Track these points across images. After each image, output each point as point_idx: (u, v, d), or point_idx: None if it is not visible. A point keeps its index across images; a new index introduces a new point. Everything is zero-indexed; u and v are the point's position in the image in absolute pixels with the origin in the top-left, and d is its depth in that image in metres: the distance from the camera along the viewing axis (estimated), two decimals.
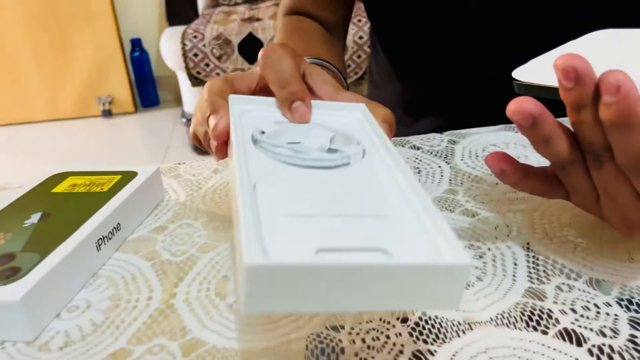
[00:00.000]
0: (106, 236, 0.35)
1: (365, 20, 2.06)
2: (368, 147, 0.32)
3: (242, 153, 0.29)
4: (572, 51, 0.25)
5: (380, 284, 0.20)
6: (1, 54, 2.76)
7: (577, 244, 0.33)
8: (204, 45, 2.10)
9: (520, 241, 0.33)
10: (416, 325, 0.27)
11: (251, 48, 2.10)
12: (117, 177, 0.40)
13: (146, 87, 2.91)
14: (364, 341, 0.26)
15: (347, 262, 0.20)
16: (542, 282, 0.30)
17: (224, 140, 0.33)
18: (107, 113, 2.86)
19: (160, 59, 2.77)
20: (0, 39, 2.73)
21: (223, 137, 0.33)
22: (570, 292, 0.29)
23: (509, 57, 0.39)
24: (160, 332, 0.28)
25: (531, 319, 0.27)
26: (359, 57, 2.08)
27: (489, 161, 0.29)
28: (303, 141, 0.31)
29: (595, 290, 0.29)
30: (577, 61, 0.24)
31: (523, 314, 0.27)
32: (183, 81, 2.34)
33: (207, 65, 2.12)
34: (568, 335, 0.26)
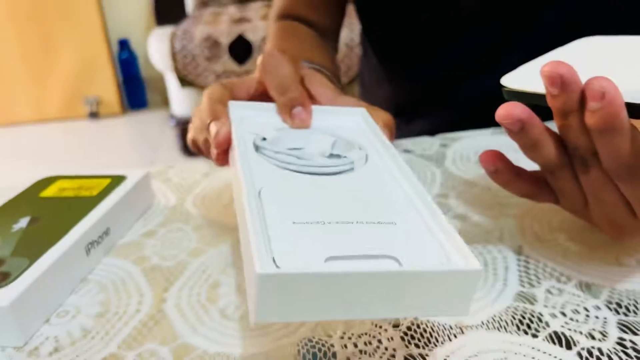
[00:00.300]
0: (96, 241, 0.35)
1: (356, 22, 2.06)
2: (370, 152, 0.32)
3: (245, 160, 0.29)
4: (560, 58, 0.25)
5: (390, 291, 0.20)
6: None
7: (567, 248, 0.33)
8: (193, 46, 2.08)
9: (511, 245, 0.34)
10: (408, 329, 0.27)
11: (241, 49, 2.09)
12: (107, 181, 0.40)
13: (134, 89, 2.89)
14: (356, 346, 0.26)
15: (358, 270, 0.20)
16: (533, 286, 0.30)
17: (226, 148, 0.33)
18: (94, 115, 2.84)
19: (148, 60, 2.75)
20: None
21: (225, 145, 0.33)
22: (560, 296, 0.29)
23: (500, 61, 0.39)
24: (151, 337, 0.28)
25: (522, 323, 0.27)
26: (350, 60, 2.08)
27: (484, 158, 0.29)
28: (305, 147, 0.31)
29: (585, 293, 0.29)
30: (563, 68, 0.24)
31: (514, 318, 0.28)
32: (171, 83, 2.33)
33: (196, 66, 2.11)
34: (558, 338, 0.26)
